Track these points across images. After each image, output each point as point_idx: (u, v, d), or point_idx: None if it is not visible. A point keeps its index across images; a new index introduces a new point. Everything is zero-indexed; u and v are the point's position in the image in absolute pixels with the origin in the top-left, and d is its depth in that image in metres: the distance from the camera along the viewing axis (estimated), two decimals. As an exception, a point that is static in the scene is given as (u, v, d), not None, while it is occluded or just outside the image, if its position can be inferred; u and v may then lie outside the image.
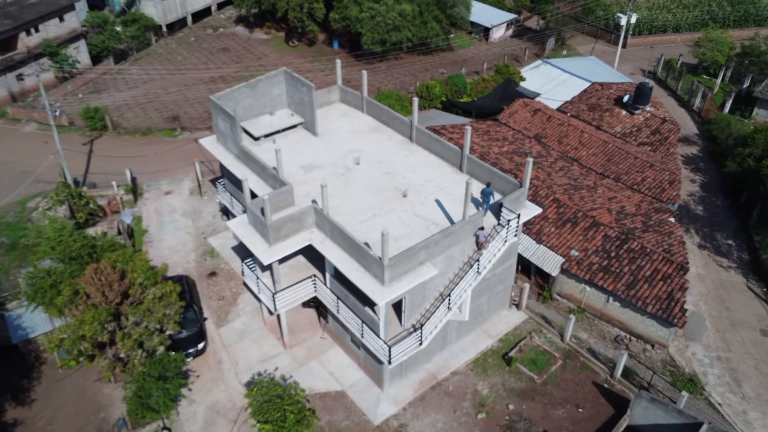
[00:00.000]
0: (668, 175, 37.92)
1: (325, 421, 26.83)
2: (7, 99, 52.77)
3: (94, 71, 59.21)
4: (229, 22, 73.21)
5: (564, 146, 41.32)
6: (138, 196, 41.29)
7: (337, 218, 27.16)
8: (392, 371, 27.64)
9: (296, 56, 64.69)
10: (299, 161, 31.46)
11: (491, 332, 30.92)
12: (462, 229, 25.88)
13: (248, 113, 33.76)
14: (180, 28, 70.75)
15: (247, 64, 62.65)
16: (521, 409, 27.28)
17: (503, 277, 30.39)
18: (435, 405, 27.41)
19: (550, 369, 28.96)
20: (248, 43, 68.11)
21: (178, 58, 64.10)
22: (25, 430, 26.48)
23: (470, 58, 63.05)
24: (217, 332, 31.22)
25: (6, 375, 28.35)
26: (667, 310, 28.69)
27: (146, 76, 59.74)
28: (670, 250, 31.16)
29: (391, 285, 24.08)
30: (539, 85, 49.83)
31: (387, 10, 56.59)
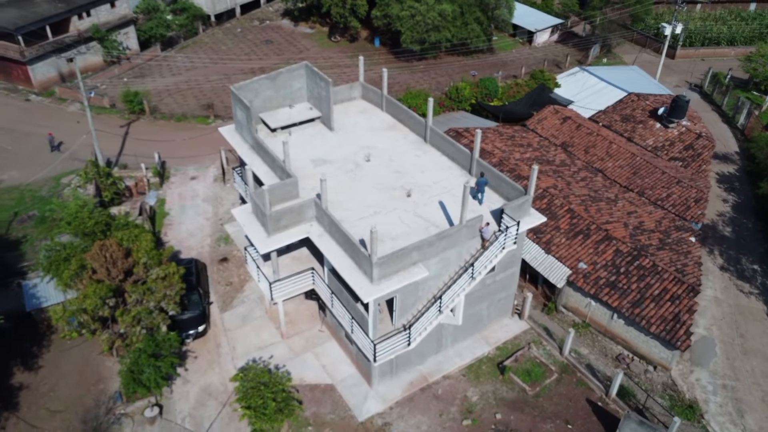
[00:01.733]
0: (695, 193, 36.51)
1: (311, 412, 27.11)
2: (56, 79, 55.26)
3: (141, 57, 61.34)
4: (276, 15, 74.51)
5: (590, 156, 40.32)
6: (165, 179, 42.59)
7: (339, 213, 27.40)
8: (382, 369, 27.68)
9: (337, 51, 65.29)
10: (311, 154, 31.79)
11: (490, 339, 30.54)
12: (458, 233, 25.65)
13: (268, 105, 34.31)
14: (228, 18, 72.46)
15: (288, 57, 63.55)
16: (509, 419, 26.87)
17: (505, 284, 29.95)
18: (422, 407, 27.30)
19: (545, 382, 28.39)
20: (292, 36, 69.13)
21: (223, 47, 65.66)
22: (29, 395, 27.76)
23: (510, 62, 62.21)
24: (220, 316, 31.95)
25: (18, 340, 29.77)
26: (672, 332, 27.68)
27: (190, 63, 61.45)
28: (683, 271, 30.04)
29: (379, 283, 24.10)
30: (574, 92, 48.76)
31: (427, 10, 56.40)
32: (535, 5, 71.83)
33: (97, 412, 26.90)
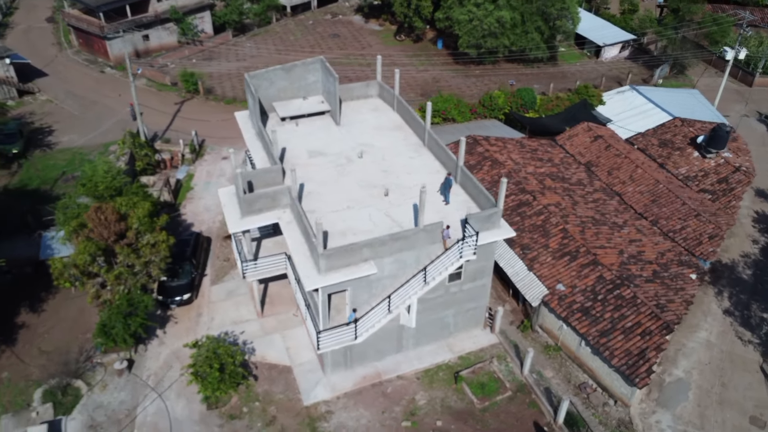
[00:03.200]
0: (711, 229, 34.36)
1: (263, 389, 28.40)
2: (131, 55, 59.83)
3: (213, 40, 65.13)
4: (350, 10, 76.42)
5: (612, 178, 38.86)
6: (199, 156, 45.40)
7: (314, 204, 28.51)
8: (335, 360, 28.49)
9: (398, 50, 66.18)
10: (310, 146, 32.98)
11: (454, 347, 30.49)
12: (415, 236, 25.92)
13: (282, 95, 35.86)
14: (303, 10, 75.23)
15: (350, 52, 65.24)
16: (449, 428, 26.86)
17: (474, 295, 29.77)
18: (367, 402, 27.85)
19: (496, 398, 28.05)
20: (359, 32, 70.73)
21: (291, 38, 68.35)
22: (27, 333, 30.95)
23: (571, 74, 60.45)
24: (209, 289, 33.93)
25: (30, 285, 33.13)
26: (632, 367, 26.50)
27: (256, 51, 64.53)
28: (664, 307, 28.57)
29: (326, 274, 24.92)
30: (618, 111, 46.91)
31: (485, 15, 56.08)
32: (613, 19, 69.17)
33: (78, 358, 29.58)
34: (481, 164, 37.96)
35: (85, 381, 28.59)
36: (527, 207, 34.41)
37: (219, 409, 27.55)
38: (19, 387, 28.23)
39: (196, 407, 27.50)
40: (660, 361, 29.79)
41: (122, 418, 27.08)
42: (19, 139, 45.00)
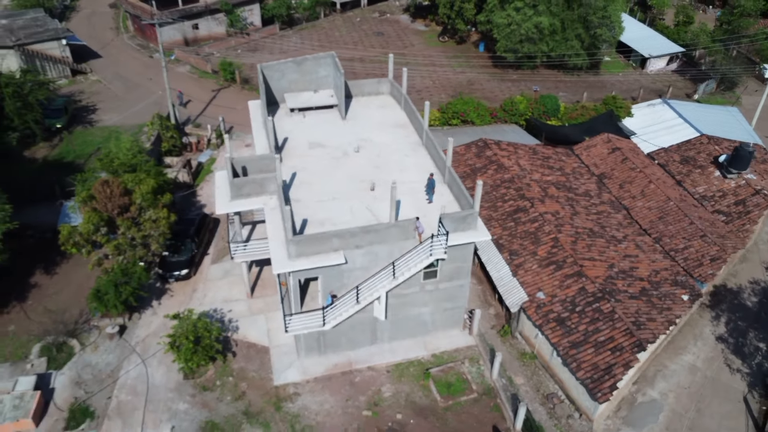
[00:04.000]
0: (716, 251, 33.18)
1: (239, 366, 29.67)
2: (180, 42, 62.87)
3: (259, 33, 67.34)
4: (398, 9, 77.17)
5: (623, 192, 38.04)
6: (224, 141, 47.31)
7: (301, 193, 29.60)
8: (309, 345, 29.43)
9: (439, 50, 66.44)
10: (311, 137, 34.03)
11: (429, 345, 30.81)
12: (386, 230, 26.45)
13: (293, 86, 37.07)
14: (352, 7, 76.50)
15: (390, 50, 65.79)
16: (408, 422, 27.30)
17: (452, 295, 30.00)
18: (334, 388, 28.64)
19: (460, 398, 28.24)
20: (404, 31, 71.40)
21: (336, 34, 69.79)
22: (38, 293, 33.41)
23: (611, 85, 59.03)
24: (209, 267, 35.55)
25: (47, 249, 35.62)
26: (596, 382, 26.13)
27: (300, 45, 66.26)
28: (642, 324, 27.96)
29: (295, 260, 25.87)
30: (645, 124, 45.66)
31: (523, 20, 55.62)
32: (667, 30, 66.91)
33: (78, 319, 31.75)
34: (487, 168, 37.96)
35: (80, 341, 30.67)
36: (523, 213, 34.25)
37: (194, 379, 29.01)
38: (21, 340, 30.62)
39: (174, 376, 29.05)
40: (636, 380, 29.17)
41: (105, 378, 28.96)
42: (63, 115, 48.21)
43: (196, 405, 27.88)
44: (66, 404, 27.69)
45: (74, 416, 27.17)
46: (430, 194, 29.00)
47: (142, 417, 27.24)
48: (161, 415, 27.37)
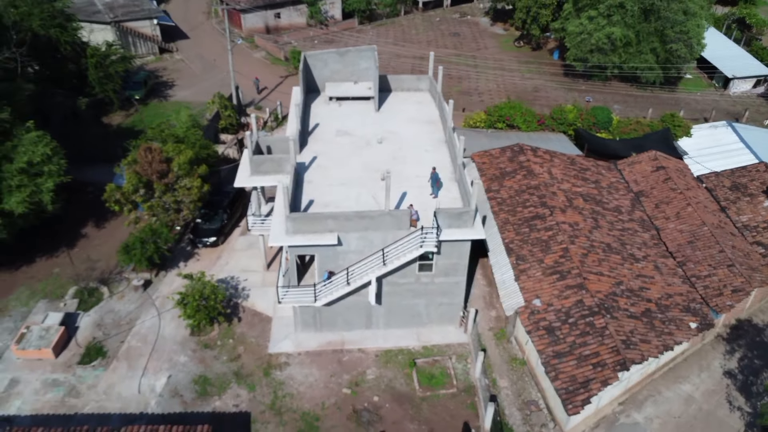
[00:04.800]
0: (740, 283, 31.41)
1: (241, 331, 31.70)
2: (262, 29, 66.44)
3: (338, 26, 69.76)
4: (480, 11, 77.16)
5: (657, 211, 36.66)
6: (279, 125, 49.89)
7: (316, 176, 31.22)
8: (305, 320, 30.95)
9: (512, 55, 65.99)
10: (341, 126, 35.51)
11: (422, 337, 31.43)
12: (380, 217, 27.39)
13: (335, 76, 38.70)
14: (434, 7, 77.32)
15: (462, 52, 66.40)
16: (383, 405, 28.16)
17: (447, 290, 30.45)
18: (321, 364, 29.98)
19: (439, 391, 28.72)
20: (481, 33, 71.42)
21: (412, 32, 70.99)
22: (86, 242, 37.09)
23: (685, 103, 56.24)
24: (237, 238, 37.94)
25: (101, 206, 39.15)
26: (570, 393, 25.77)
27: (375, 40, 68.01)
28: (633, 344, 27.18)
29: (292, 236, 27.42)
30: (703, 146, 43.50)
31: (595, 29, 54.30)
32: (762, 51, 62.68)
33: (113, 270, 35.05)
34: (516, 172, 37.80)
35: (110, 289, 33.88)
36: (540, 220, 33.95)
37: (199, 337, 31.34)
38: (62, 282, 34.27)
39: (182, 332, 31.52)
40: (624, 401, 28.39)
41: (123, 324, 31.90)
42: (142, 88, 52.71)
43: (194, 360, 30.16)
44: (85, 342, 30.82)
45: (89, 353, 30.22)
46: (434, 188, 29.62)
47: (146, 363, 29.85)
48: (162, 364, 29.86)
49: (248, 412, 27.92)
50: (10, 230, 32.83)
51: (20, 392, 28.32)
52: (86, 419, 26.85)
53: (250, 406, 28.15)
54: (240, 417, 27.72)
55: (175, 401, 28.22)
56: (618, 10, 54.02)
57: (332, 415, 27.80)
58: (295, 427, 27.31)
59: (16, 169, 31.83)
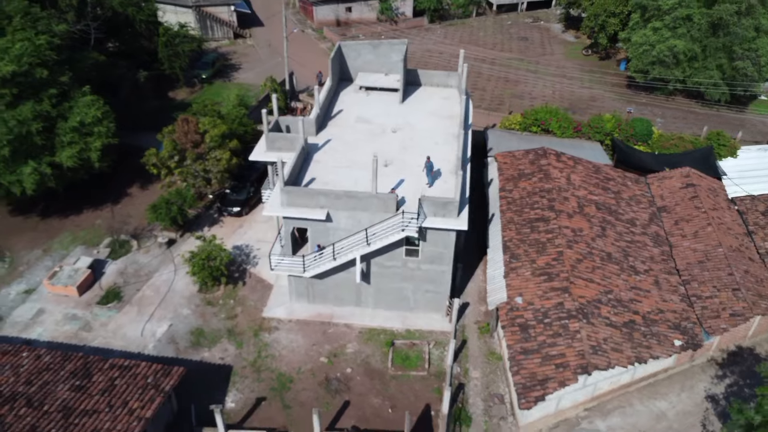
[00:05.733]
0: (740, 307, 30.20)
1: (243, 294, 34.16)
2: (332, 22, 69.20)
3: (407, 23, 71.37)
4: (555, 18, 76.12)
5: (675, 228, 35.67)
6: (326, 112, 52.16)
7: (326, 157, 33.13)
8: (299, 290, 32.92)
9: (577, 63, 64.92)
10: (363, 114, 37.17)
11: (407, 320, 32.51)
12: (367, 199, 28.82)
13: (367, 67, 40.39)
14: (508, 10, 77.12)
15: (526, 56, 66.08)
16: (354, 377, 29.59)
17: (433, 278, 31.38)
18: (307, 332, 31.83)
19: (410, 372, 29.78)
20: (550, 40, 70.62)
21: (480, 34, 71.37)
22: (129, 200, 40.88)
23: (751, 125, 53.22)
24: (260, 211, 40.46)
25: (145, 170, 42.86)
26: (526, 389, 26.10)
27: (441, 39, 69.07)
28: (601, 351, 27.04)
29: (285, 208, 29.45)
30: (746, 168, 41.43)
31: (658, 41, 52.67)
32: None
33: (145, 227, 38.59)
34: (533, 174, 37.89)
35: (139, 243, 37.41)
36: (543, 223, 34.06)
37: (205, 294, 34.09)
38: (100, 232, 38.19)
39: (191, 288, 34.38)
40: (591, 407, 28.24)
41: (142, 275, 35.24)
42: (210, 68, 56.78)
43: (195, 314, 32.92)
44: (107, 286, 34.39)
45: (108, 296, 33.72)
46: (429, 176, 30.63)
47: (153, 311, 32.93)
48: (167, 314, 32.83)
49: (231, 365, 30.25)
50: (61, 181, 37.00)
51: (43, 321, 32.18)
52: (92, 351, 30.09)
53: (234, 361, 30.47)
54: (223, 369, 30.10)
55: (170, 347, 31.04)
56: (684, 23, 52.08)
57: (305, 380, 29.58)
58: (269, 384, 29.33)
59: (69, 127, 35.85)
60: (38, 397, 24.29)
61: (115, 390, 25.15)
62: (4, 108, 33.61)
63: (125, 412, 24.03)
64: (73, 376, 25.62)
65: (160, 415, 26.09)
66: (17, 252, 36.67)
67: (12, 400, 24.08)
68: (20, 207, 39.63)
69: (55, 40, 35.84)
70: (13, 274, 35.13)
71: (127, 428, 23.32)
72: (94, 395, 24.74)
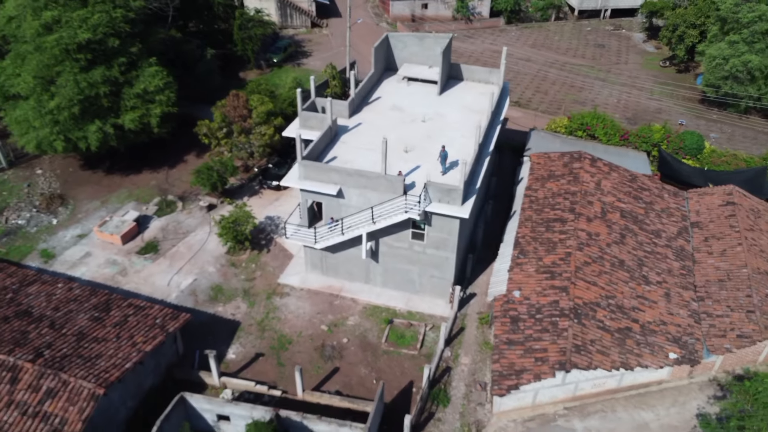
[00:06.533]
0: (749, 329, 29.00)
1: (264, 260, 36.52)
2: (408, 18, 70.76)
3: (482, 23, 71.72)
4: (638, 27, 73.73)
5: (704, 245, 34.51)
6: (381, 102, 53.86)
7: (350, 138, 34.92)
8: (313, 262, 34.84)
9: (651, 74, 62.93)
10: (399, 102, 38.52)
11: (410, 302, 33.57)
12: (376, 179, 30.19)
13: (412, 58, 41.66)
14: (590, 16, 75.50)
15: (598, 63, 64.70)
16: (348, 348, 31.10)
17: (437, 263, 32.27)
18: (315, 302, 33.67)
19: (401, 350, 30.87)
20: (628, 48, 68.71)
21: (555, 38, 70.53)
22: (184, 166, 44.33)
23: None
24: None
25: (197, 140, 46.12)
26: (501, 377, 26.56)
27: (514, 41, 68.91)
28: (585, 351, 26.98)
29: (302, 181, 31.41)
30: (803, 193, 39.14)
31: (732, 55, 50.41)
32: None
33: (192, 191, 41.86)
34: (563, 176, 37.72)
35: (183, 205, 40.73)
36: (559, 223, 34.04)
37: (231, 256, 36.75)
38: (153, 192, 41.87)
39: (221, 249, 37.12)
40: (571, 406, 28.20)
41: (180, 233, 38.44)
42: (281, 53, 60.02)
43: (219, 272, 35.63)
44: (147, 238, 37.85)
45: (146, 247, 37.13)
46: (443, 165, 31.53)
47: (182, 265, 35.94)
48: (194, 269, 35.75)
49: (239, 322, 32.63)
50: (122, 142, 40.93)
51: (88, 263, 35.99)
52: (122, 293, 33.37)
53: (243, 318, 32.83)
54: (232, 324, 32.53)
55: (190, 298, 33.87)
56: (763, 37, 49.46)
57: (303, 343, 31.44)
58: (270, 343, 31.44)
59: (133, 93, 39.61)
60: (60, 322, 27.58)
61: (127, 325, 28.04)
62: (78, 71, 37.67)
63: (129, 344, 26.83)
64: (95, 309, 28.78)
65: (163, 354, 28.85)
66: (79, 201, 40.99)
67: (39, 321, 27.50)
68: (90, 162, 44.13)
69: (130, 14, 39.64)
70: (72, 220, 39.38)
71: (127, 357, 26.07)
72: (107, 326, 27.75)
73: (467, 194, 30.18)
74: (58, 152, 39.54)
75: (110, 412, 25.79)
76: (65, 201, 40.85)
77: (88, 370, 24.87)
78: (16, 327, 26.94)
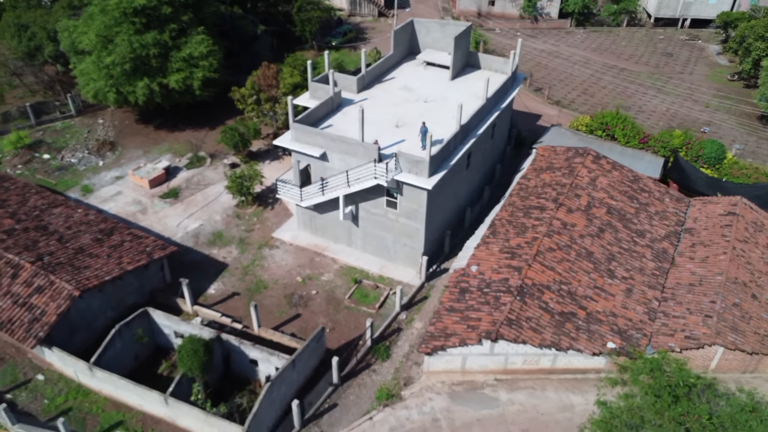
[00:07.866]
0: (701, 333, 28.48)
1: (266, 216, 39.86)
2: (473, 13, 71.96)
3: (548, 23, 71.51)
4: (715, 39, 70.49)
5: (689, 250, 33.92)
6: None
7: (352, 110, 37.32)
8: (304, 221, 37.71)
9: (714, 87, 60.34)
10: (409, 83, 40.51)
11: (384, 268, 35.54)
12: (354, 146, 32.47)
13: (434, 44, 43.42)
14: (667, 25, 73.01)
15: (660, 72, 62.86)
16: (314, 298, 33.67)
17: (409, 233, 34.06)
18: (299, 256, 36.50)
19: (361, 307, 33.01)
20: (698, 60, 66.10)
21: (621, 44, 69.10)
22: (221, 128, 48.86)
23: None
24: (318, 158, 45.87)
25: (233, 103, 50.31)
26: (431, 338, 28.07)
27: (576, 44, 68.28)
28: (517, 325, 27.87)
29: (293, 142, 34.34)
30: (821, 214, 36.95)
31: (787, 69, 47.86)
32: None
33: (219, 151, 46.04)
34: (559, 169, 38.13)
35: (212, 161, 45.02)
36: (538, 211, 34.68)
37: (238, 209, 40.41)
38: (189, 147, 46.43)
39: (231, 203, 40.82)
40: (503, 379, 29.10)
41: (202, 185, 42.65)
42: (341, 37, 63.44)
43: (223, 221, 39.37)
44: (172, 186, 42.35)
45: (169, 193, 41.61)
46: (423, 140, 33.27)
47: (194, 211, 40.03)
48: (203, 215, 39.73)
49: (227, 264, 36.11)
50: (167, 100, 45.79)
51: (117, 200, 40.96)
52: (137, 227, 37.85)
53: (232, 262, 36.29)
54: (220, 265, 36.08)
55: (192, 240, 37.83)
56: (825, 53, 46.53)
57: (276, 289, 34.39)
58: (247, 285, 34.66)
59: (180, 57, 44.29)
60: (67, 238, 32.21)
61: (121, 248, 32.24)
62: (132, 33, 42.79)
63: (115, 262, 30.96)
64: (99, 232, 33.25)
65: (149, 278, 32.82)
66: (126, 149, 46.35)
67: (51, 234, 32.28)
68: (143, 117, 49.57)
69: (184, -14, 44.39)
70: (116, 164, 44.71)
71: (109, 272, 30.15)
72: (104, 247, 32.06)
73: (437, 168, 31.74)
74: (110, 103, 44.88)
75: (88, 317, 29.97)
76: (114, 147, 46.36)
77: (73, 275, 29.15)
78: (32, 237, 31.84)
